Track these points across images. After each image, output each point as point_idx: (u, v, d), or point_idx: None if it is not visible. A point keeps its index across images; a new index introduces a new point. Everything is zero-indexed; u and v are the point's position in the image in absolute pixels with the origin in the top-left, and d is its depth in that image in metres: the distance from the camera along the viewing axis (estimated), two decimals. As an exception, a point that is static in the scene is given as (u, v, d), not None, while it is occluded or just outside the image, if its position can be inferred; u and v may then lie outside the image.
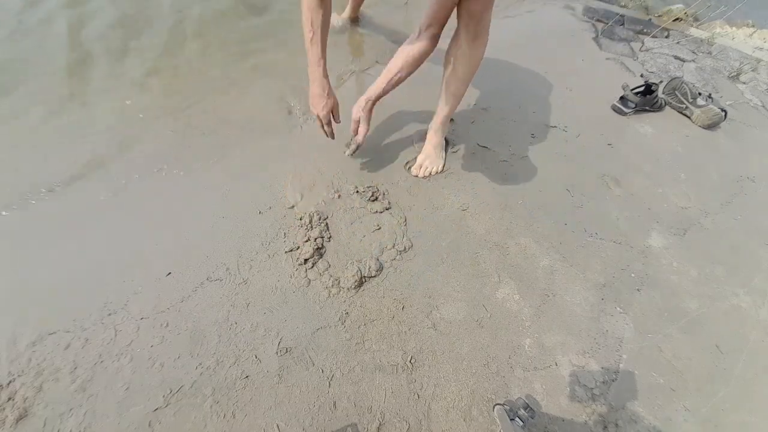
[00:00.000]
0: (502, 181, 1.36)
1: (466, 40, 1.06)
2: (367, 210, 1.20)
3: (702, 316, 1.15)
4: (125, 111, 1.38)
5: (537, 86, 1.81)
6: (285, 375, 0.88)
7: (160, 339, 0.89)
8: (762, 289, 1.25)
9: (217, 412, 0.81)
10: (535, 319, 1.05)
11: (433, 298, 1.05)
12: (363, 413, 0.85)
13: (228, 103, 1.46)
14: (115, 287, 0.96)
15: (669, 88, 1.85)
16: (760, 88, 2.19)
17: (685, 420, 0.95)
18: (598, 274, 1.18)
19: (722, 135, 1.81)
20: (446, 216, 1.23)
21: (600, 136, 1.64)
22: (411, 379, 0.91)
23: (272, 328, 0.94)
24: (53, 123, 1.31)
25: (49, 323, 0.89)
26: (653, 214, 1.38)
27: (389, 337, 0.97)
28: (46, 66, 1.46)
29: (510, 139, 1.52)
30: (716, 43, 2.43)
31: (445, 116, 1.27)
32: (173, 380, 0.84)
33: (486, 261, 1.15)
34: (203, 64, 1.58)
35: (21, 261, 0.99)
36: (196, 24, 1.73)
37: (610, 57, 2.12)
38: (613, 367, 1.01)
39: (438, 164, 1.33)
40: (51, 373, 0.82)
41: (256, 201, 1.17)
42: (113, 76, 1.48)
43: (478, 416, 0.88)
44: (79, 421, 0.77)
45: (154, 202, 1.14)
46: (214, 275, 1.01)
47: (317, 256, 1.07)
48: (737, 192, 1.55)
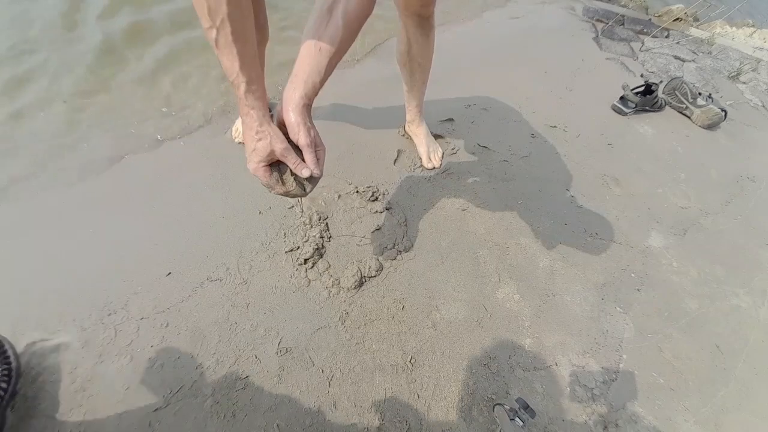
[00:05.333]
0: (502, 181, 1.36)
1: (421, 35, 1.09)
2: (367, 210, 1.20)
3: (702, 316, 1.15)
4: (121, 109, 1.38)
5: (537, 86, 1.81)
6: (285, 375, 0.88)
7: (160, 339, 0.89)
8: (762, 289, 1.25)
9: (217, 412, 0.81)
10: (535, 319, 1.05)
11: (433, 298, 1.05)
12: (363, 413, 0.85)
13: (229, 102, 1.46)
14: (115, 287, 0.96)
15: (669, 88, 1.85)
16: (760, 88, 2.19)
17: (685, 420, 0.95)
18: (598, 274, 1.18)
19: (722, 135, 1.81)
20: (446, 216, 1.23)
21: (600, 136, 1.64)
22: (411, 379, 0.91)
23: (272, 328, 0.94)
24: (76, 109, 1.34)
25: (49, 323, 0.89)
26: (653, 214, 1.38)
27: (389, 337, 0.97)
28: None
29: (510, 139, 1.52)
30: (716, 43, 2.43)
31: (419, 105, 1.32)
32: (173, 380, 0.84)
33: (486, 261, 1.15)
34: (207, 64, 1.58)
35: (21, 261, 0.99)
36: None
37: (610, 57, 2.12)
38: (613, 367, 1.01)
39: (437, 146, 1.39)
40: (51, 373, 0.82)
41: (256, 201, 1.17)
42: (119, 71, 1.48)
43: (478, 416, 0.88)
44: (79, 421, 0.77)
45: (154, 201, 1.14)
46: (214, 275, 1.01)
47: (317, 256, 1.07)
48: (737, 192, 1.55)
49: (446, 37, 1.93)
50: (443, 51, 1.16)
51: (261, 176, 0.65)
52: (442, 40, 1.14)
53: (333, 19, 0.65)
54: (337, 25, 0.64)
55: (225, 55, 0.56)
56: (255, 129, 0.61)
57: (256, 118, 0.61)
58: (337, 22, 0.64)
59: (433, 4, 1.02)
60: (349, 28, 0.66)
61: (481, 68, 1.83)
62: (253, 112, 0.61)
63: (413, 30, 1.07)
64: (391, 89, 1.15)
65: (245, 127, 0.63)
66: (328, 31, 0.64)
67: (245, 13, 0.56)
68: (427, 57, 1.16)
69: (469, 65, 1.84)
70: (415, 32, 1.08)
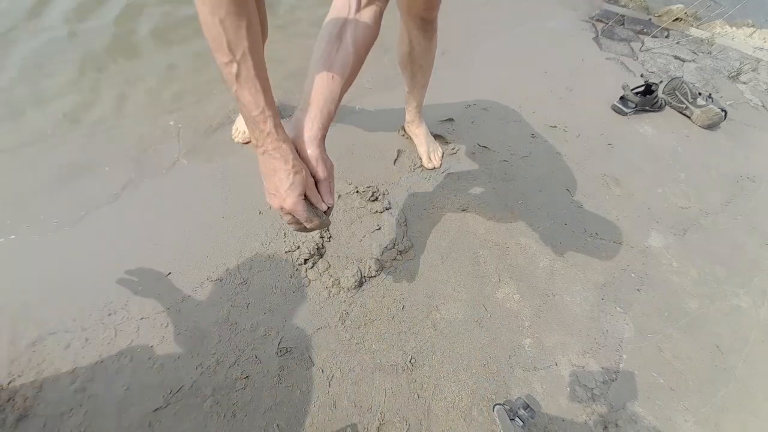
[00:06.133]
0: (502, 181, 1.36)
1: (424, 38, 1.09)
2: (367, 210, 1.20)
3: (702, 316, 1.15)
4: (121, 110, 1.38)
5: (537, 86, 1.81)
6: (285, 375, 0.88)
7: (160, 339, 0.89)
8: (762, 289, 1.25)
9: (217, 412, 0.81)
10: (535, 319, 1.05)
11: (433, 298, 1.05)
12: (363, 413, 0.85)
13: (231, 100, 1.46)
14: (115, 287, 0.96)
15: (669, 88, 1.85)
16: (760, 88, 2.19)
17: (685, 420, 0.95)
18: (598, 274, 1.18)
19: (722, 135, 1.81)
20: (446, 216, 1.23)
21: (600, 136, 1.64)
22: (411, 379, 0.91)
23: (272, 328, 0.94)
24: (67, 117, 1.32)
25: (49, 323, 0.89)
26: (653, 214, 1.38)
27: (389, 337, 0.97)
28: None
29: (510, 139, 1.52)
30: (716, 43, 2.43)
31: (419, 106, 1.32)
32: (173, 380, 0.84)
33: (486, 261, 1.15)
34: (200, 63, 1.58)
35: (21, 261, 0.99)
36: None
37: (610, 57, 2.12)
38: (613, 367, 1.01)
39: (437, 146, 1.39)
40: (51, 373, 0.82)
41: (256, 201, 1.17)
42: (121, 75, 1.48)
43: (478, 416, 0.88)
44: (79, 421, 0.77)
45: (154, 201, 1.14)
46: (214, 275, 1.01)
47: (317, 256, 1.07)
48: (737, 192, 1.55)
49: (446, 37, 1.93)
50: (442, 51, 1.16)
51: (300, 211, 0.59)
52: (441, 40, 1.14)
53: (343, 45, 0.63)
54: (348, 51, 0.63)
55: (247, 89, 0.52)
56: (291, 162, 0.57)
57: (290, 151, 0.57)
58: (348, 48, 0.63)
59: (436, 7, 1.01)
60: (359, 53, 0.65)
61: (481, 68, 1.83)
62: (285, 146, 0.56)
63: (416, 33, 1.07)
64: (392, 89, 1.15)
65: (273, 162, 0.57)
66: (339, 57, 0.63)
67: (261, 43, 0.52)
68: (429, 59, 1.16)
69: (469, 65, 1.84)
70: (418, 35, 1.07)
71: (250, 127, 0.56)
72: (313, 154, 0.60)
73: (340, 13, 0.64)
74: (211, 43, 0.49)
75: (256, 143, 0.57)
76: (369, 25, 0.65)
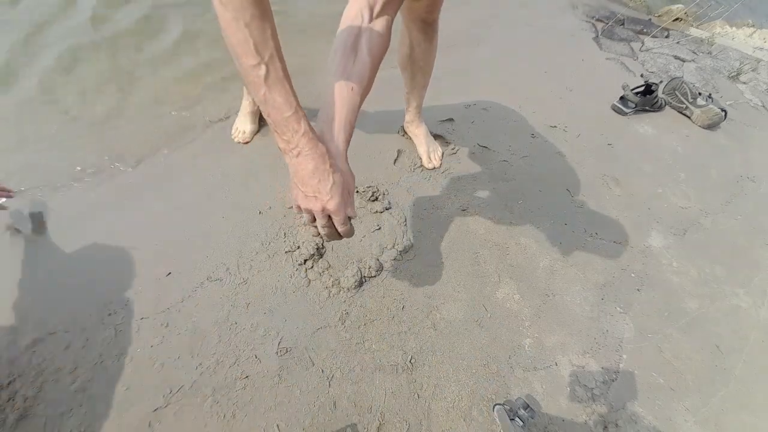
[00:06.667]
0: (502, 181, 1.36)
1: (424, 39, 1.08)
2: (367, 210, 1.20)
3: (702, 316, 1.15)
4: (121, 110, 1.38)
5: (537, 86, 1.81)
6: (285, 375, 0.88)
7: (160, 339, 0.89)
8: (762, 289, 1.25)
9: (217, 412, 0.81)
10: (535, 319, 1.05)
11: (433, 298, 1.05)
12: (363, 413, 0.85)
13: (231, 100, 1.46)
14: (115, 287, 0.96)
15: (669, 88, 1.85)
16: (760, 88, 2.19)
17: (685, 420, 0.95)
18: (598, 274, 1.18)
19: (722, 135, 1.81)
20: (446, 216, 1.23)
21: (600, 136, 1.64)
22: (411, 379, 0.91)
23: (272, 328, 0.94)
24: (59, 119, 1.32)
25: (49, 323, 0.89)
26: (653, 214, 1.38)
27: (389, 337, 0.97)
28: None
29: (510, 139, 1.52)
30: (716, 43, 2.43)
31: (419, 106, 1.32)
32: (173, 380, 0.84)
33: (486, 261, 1.15)
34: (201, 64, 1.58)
35: (21, 261, 0.99)
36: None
37: (610, 57, 2.12)
38: (613, 367, 1.01)
39: (437, 146, 1.39)
40: (51, 373, 0.82)
41: (256, 201, 1.17)
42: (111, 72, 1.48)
43: (478, 416, 0.88)
44: (79, 421, 0.77)
45: (154, 201, 1.14)
46: (214, 275, 1.01)
47: (317, 256, 1.07)
48: (737, 192, 1.55)
49: (446, 37, 1.93)
50: (442, 51, 1.16)
51: (343, 212, 0.60)
52: (441, 40, 1.14)
53: (360, 56, 0.63)
54: (364, 61, 0.63)
55: (277, 90, 0.52)
56: (328, 161, 0.57)
57: (326, 149, 0.57)
58: (364, 59, 0.63)
59: (437, 9, 1.01)
60: (375, 63, 0.65)
61: (482, 68, 1.83)
62: (321, 144, 0.56)
63: (416, 34, 1.07)
64: (392, 89, 1.15)
65: (311, 163, 0.56)
66: (356, 68, 0.63)
67: (276, 36, 0.51)
68: (429, 61, 1.16)
69: (469, 65, 1.84)
70: (419, 36, 1.07)
71: (280, 130, 0.54)
72: (342, 168, 0.61)
73: (353, 22, 0.63)
74: (235, 47, 0.49)
75: (288, 146, 0.55)
76: (382, 35, 0.65)
